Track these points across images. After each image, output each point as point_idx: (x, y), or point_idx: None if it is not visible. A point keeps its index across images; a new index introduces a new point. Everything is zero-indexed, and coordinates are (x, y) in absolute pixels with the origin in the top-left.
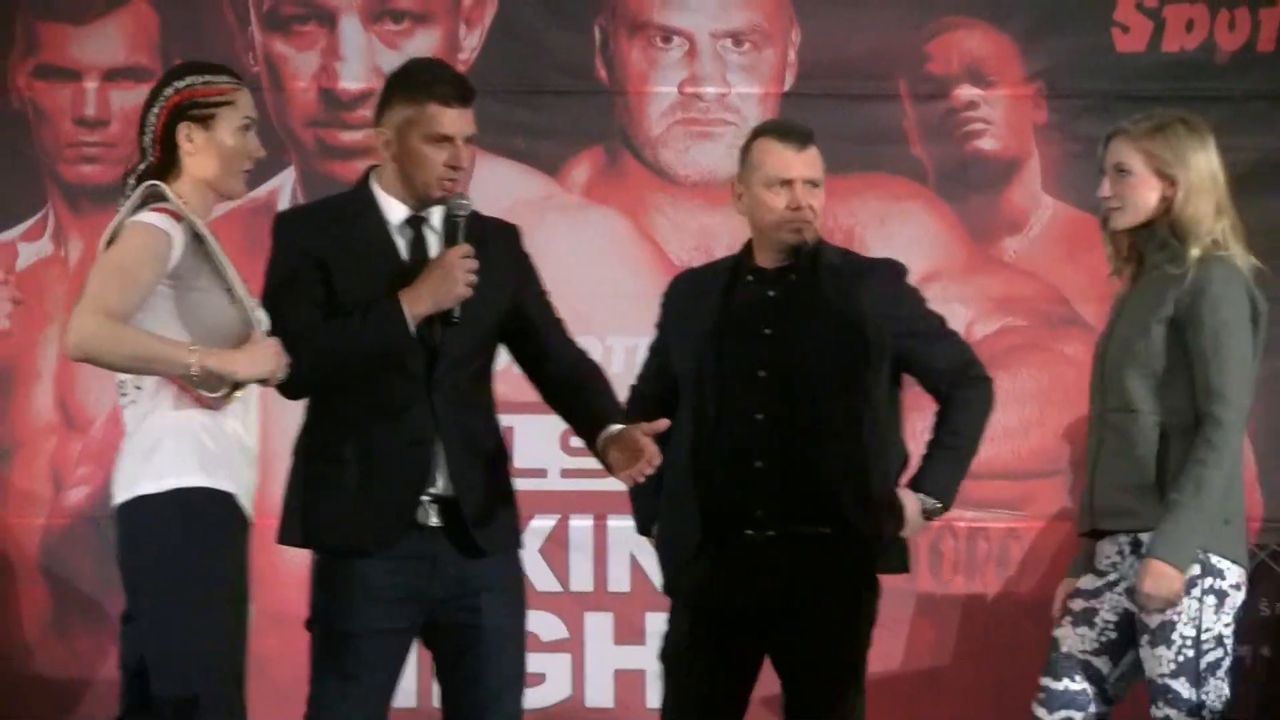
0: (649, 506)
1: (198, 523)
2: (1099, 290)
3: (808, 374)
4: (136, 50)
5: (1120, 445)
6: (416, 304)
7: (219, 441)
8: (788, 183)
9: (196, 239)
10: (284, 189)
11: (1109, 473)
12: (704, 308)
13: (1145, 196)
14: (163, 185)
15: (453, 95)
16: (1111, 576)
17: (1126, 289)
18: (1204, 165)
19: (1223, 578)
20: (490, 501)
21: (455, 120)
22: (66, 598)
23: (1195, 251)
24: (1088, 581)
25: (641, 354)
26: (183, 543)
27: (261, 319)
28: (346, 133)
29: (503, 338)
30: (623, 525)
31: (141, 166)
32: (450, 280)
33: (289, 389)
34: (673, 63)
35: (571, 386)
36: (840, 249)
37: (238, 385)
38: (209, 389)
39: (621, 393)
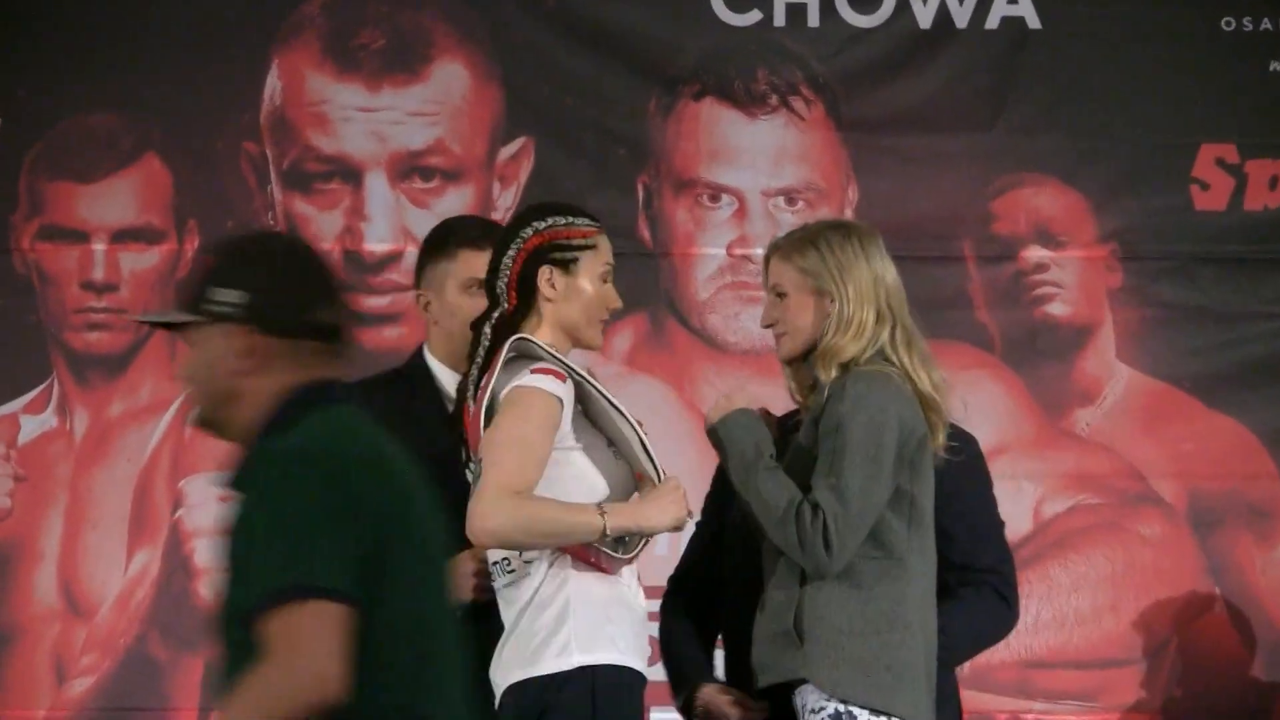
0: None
1: (610, 704)
2: (1178, 466)
3: None
4: (148, 210)
5: (768, 593)
6: None
7: (621, 610)
8: None
9: (576, 393)
10: None
11: (760, 624)
12: None
13: (803, 318)
14: (534, 340)
15: (482, 237)
16: None
17: None
18: (862, 273)
19: None
20: None
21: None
22: None
23: (831, 372)
24: None
25: (687, 535)
26: None
27: (655, 463)
28: (373, 298)
29: None
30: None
31: (495, 314)
32: None
33: None
34: (721, 223)
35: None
36: None
37: (645, 541)
38: (617, 549)
39: None
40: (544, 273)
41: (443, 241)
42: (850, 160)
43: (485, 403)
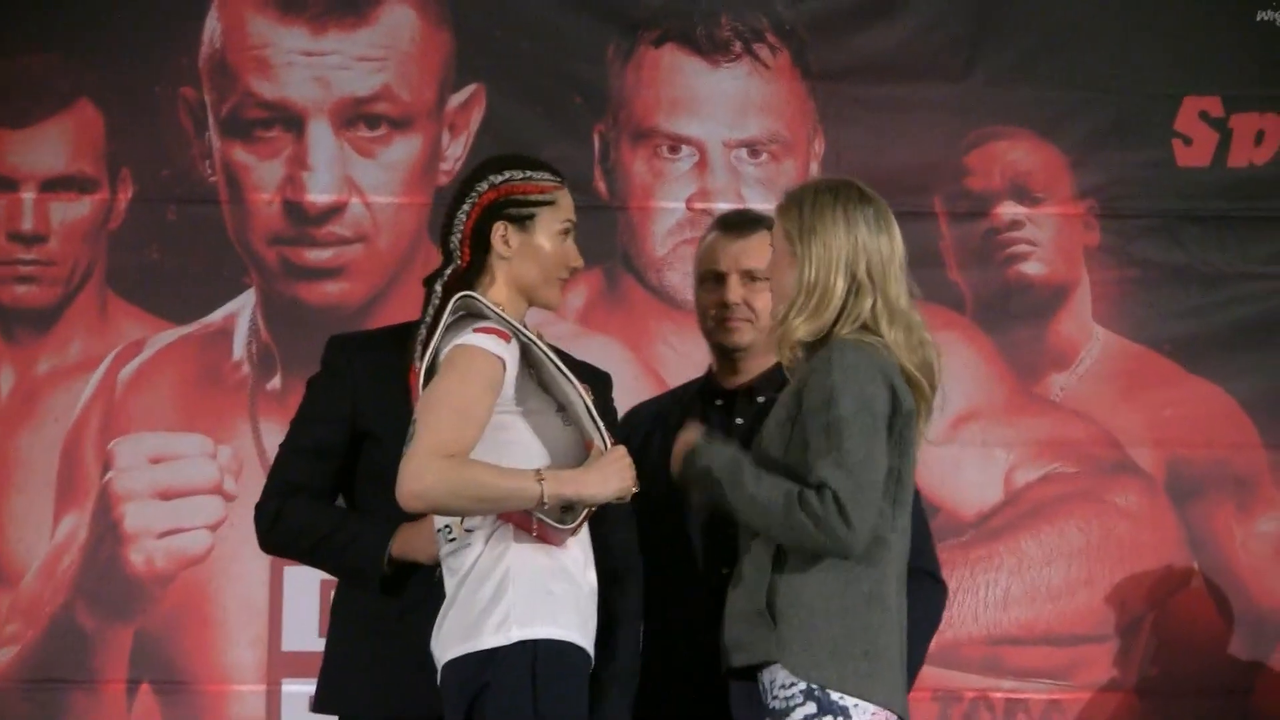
0: None
1: (550, 681)
2: (1157, 434)
3: None
4: (80, 157)
5: (742, 569)
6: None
7: (564, 583)
8: (719, 276)
9: (524, 356)
10: (243, 314)
11: (733, 599)
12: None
13: (782, 279)
14: (479, 298)
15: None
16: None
17: None
18: (836, 238)
19: (847, 716)
20: None
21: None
22: None
23: (785, 354)
24: None
25: None
26: (531, 706)
27: (601, 430)
28: (314, 250)
29: None
30: None
31: (447, 271)
32: None
33: (259, 538)
34: (681, 175)
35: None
36: None
37: (588, 511)
38: (558, 520)
39: None
40: (498, 229)
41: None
42: (817, 111)
43: (426, 363)
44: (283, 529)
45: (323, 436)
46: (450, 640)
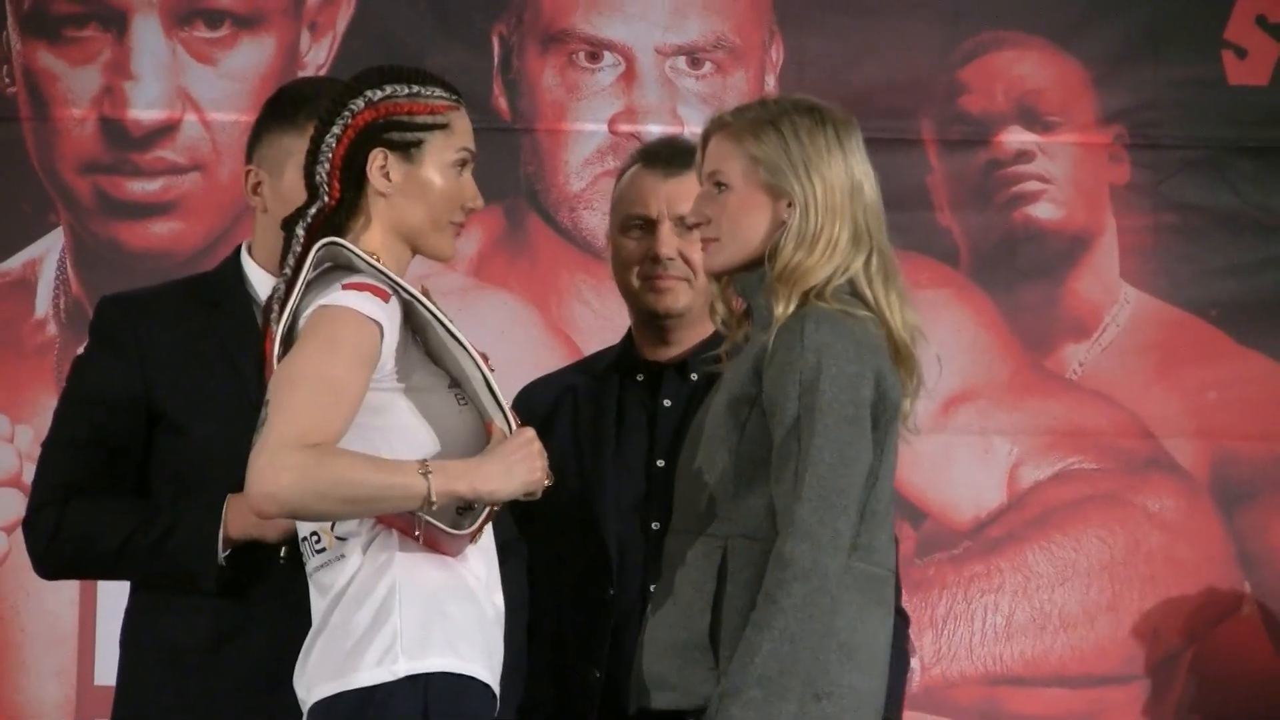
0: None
1: None
2: (1199, 422)
3: None
4: None
5: (672, 584)
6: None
7: (462, 604)
8: (648, 223)
9: (406, 318)
10: (47, 260)
11: (658, 624)
12: (590, 430)
13: (747, 222)
14: (348, 246)
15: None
16: None
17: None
18: (837, 176)
19: None
20: None
21: None
22: None
23: (791, 303)
24: None
25: None
26: None
27: (505, 409)
28: (138, 181)
29: None
30: None
31: (311, 211)
32: None
33: (35, 561)
34: (602, 90)
35: None
36: None
37: (490, 511)
38: (451, 524)
39: None
40: (376, 158)
41: (290, 107)
42: (775, 10)
43: (284, 328)
44: (67, 540)
45: (105, 424)
46: (319, 676)
